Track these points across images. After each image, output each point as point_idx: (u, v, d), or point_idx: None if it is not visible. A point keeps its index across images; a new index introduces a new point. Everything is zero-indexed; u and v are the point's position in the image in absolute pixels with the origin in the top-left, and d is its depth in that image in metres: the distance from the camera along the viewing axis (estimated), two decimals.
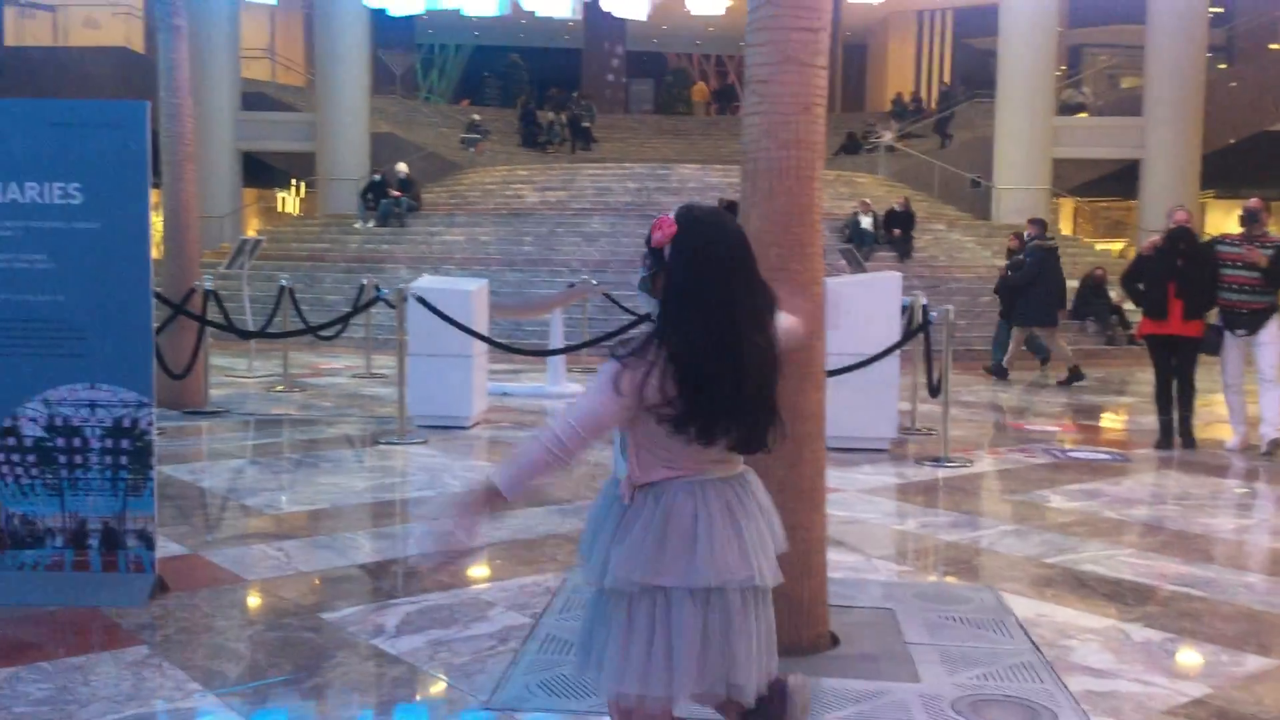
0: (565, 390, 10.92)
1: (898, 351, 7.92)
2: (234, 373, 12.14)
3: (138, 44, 25.45)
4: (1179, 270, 8.12)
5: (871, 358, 7.52)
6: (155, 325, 5.12)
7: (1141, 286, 8.42)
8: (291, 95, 26.75)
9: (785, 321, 2.46)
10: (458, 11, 15.08)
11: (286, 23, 30.16)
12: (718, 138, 28.43)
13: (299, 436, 8.45)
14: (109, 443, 4.37)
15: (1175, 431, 8.41)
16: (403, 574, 4.92)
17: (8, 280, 4.35)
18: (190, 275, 9.53)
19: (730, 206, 11.45)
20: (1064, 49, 26.19)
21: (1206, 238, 9.06)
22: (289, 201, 30.18)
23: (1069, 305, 13.92)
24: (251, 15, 23.80)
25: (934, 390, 8.11)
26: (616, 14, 15.52)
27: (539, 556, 5.13)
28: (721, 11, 14.17)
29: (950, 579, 4.99)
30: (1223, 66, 26.29)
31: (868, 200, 18.95)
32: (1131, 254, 22.86)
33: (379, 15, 23.81)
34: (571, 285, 13.47)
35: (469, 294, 8.87)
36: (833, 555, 4.49)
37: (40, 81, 23.09)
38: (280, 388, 11.09)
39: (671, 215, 2.34)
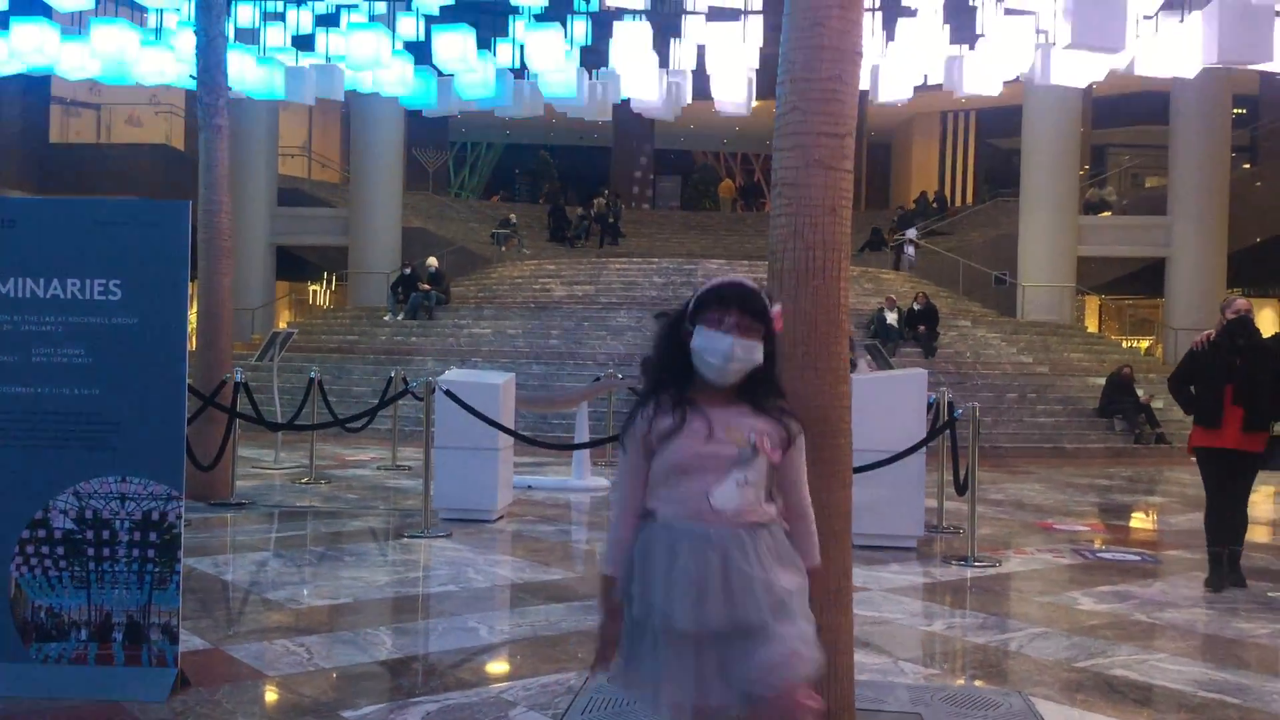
0: (590, 484, 10.91)
1: (924, 448, 7.89)
2: (261, 464, 12.20)
3: (178, 141, 26.17)
4: (1238, 371, 6.75)
5: (898, 454, 7.49)
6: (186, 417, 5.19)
7: (1194, 389, 7.05)
8: (326, 191, 27.34)
9: None
10: (491, 112, 15.41)
11: (324, 121, 30.96)
12: (743, 234, 28.74)
13: (323, 529, 8.46)
14: (137, 536, 4.40)
15: (1225, 565, 7.02)
16: (423, 671, 4.88)
17: (46, 374, 4.44)
18: (222, 367, 9.66)
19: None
20: (1087, 148, 26.46)
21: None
22: (320, 294, 30.62)
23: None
24: (290, 114, 24.47)
25: (961, 488, 8.05)
26: (646, 115, 15.83)
27: (561, 654, 5.08)
28: (747, 112, 14.45)
29: (979, 683, 4.91)
30: (1247, 166, 26.47)
31: (893, 296, 19.05)
32: (1160, 352, 22.89)
33: (414, 114, 24.39)
34: (597, 379, 13.54)
35: (497, 387, 8.94)
36: (859, 657, 4.43)
37: (83, 177, 23.75)
38: (306, 480, 11.13)
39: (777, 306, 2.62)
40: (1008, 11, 10.24)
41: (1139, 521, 10.26)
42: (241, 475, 10.61)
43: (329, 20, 14.83)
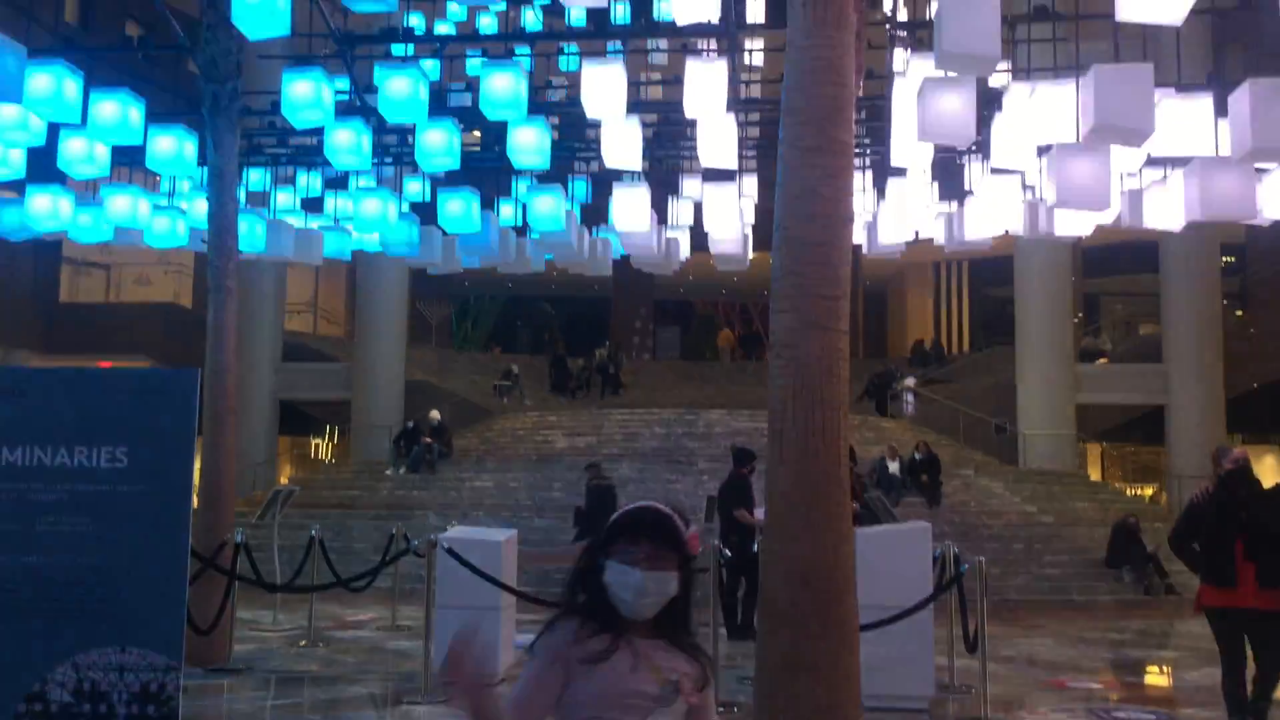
0: None
1: (931, 605, 7.80)
2: (259, 625, 12.01)
3: (186, 299, 26.60)
4: (1247, 523, 6.40)
5: (904, 611, 7.40)
6: None
7: (1198, 546, 6.68)
8: (330, 346, 27.66)
9: None
10: (494, 267, 15.76)
11: (330, 277, 31.52)
12: (744, 383, 28.93)
13: (320, 696, 8.29)
14: (135, 709, 4.33)
15: None
16: None
17: (50, 543, 4.44)
18: (224, 528, 9.61)
19: (741, 454, 11.57)
20: (1080, 297, 26.86)
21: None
22: (323, 448, 30.63)
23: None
24: (297, 271, 24.94)
25: (971, 645, 7.92)
26: (645, 270, 16.17)
27: None
28: (745, 267, 14.76)
29: None
30: (1240, 314, 26.82)
31: (894, 445, 19.06)
32: (1164, 500, 22.76)
33: (418, 270, 24.89)
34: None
35: (498, 545, 8.89)
36: None
37: (92, 335, 24.06)
38: (304, 642, 10.94)
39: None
40: (994, 170, 10.57)
41: (1153, 678, 10.06)
42: (239, 638, 10.43)
43: (337, 183, 15.28)
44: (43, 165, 12.01)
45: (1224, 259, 23.21)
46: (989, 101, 9.95)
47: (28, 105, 9.20)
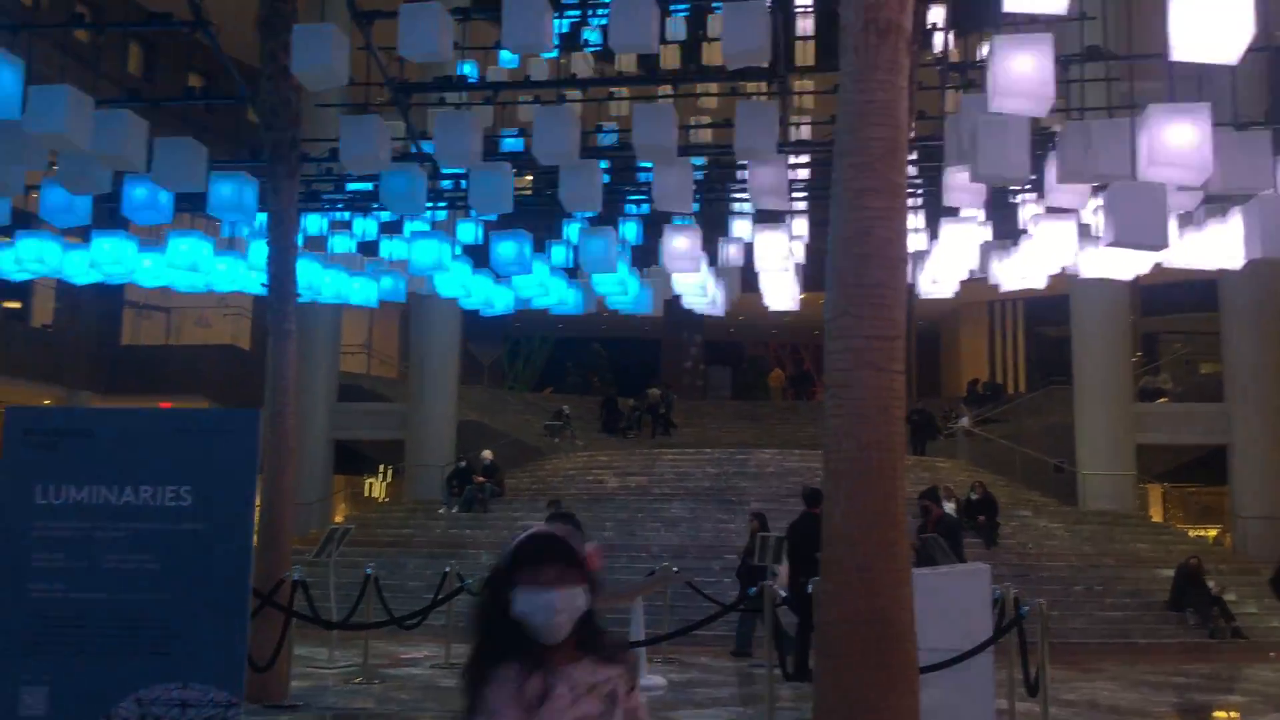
0: (647, 682, 10.66)
1: (991, 647, 7.68)
2: (315, 662, 12.09)
3: (244, 341, 27.06)
4: None
5: (964, 654, 7.29)
6: None
7: None
8: (384, 386, 27.95)
9: None
10: (545, 309, 15.89)
11: (384, 320, 31.90)
12: (795, 422, 28.80)
13: None
14: None
15: None
16: None
17: (114, 581, 4.53)
18: (281, 566, 9.73)
19: (813, 495, 11.49)
20: (1138, 336, 26.47)
21: None
22: (377, 487, 30.89)
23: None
24: (352, 313, 25.28)
25: (1032, 688, 7.79)
26: (696, 311, 16.21)
27: None
28: (796, 306, 14.76)
29: None
30: None
31: (950, 486, 18.83)
32: (1229, 541, 22.23)
33: (470, 311, 25.15)
34: (652, 573, 13.40)
35: None
36: None
37: (152, 377, 24.54)
38: (359, 679, 11.01)
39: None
40: (1049, 210, 10.51)
41: None
42: (296, 675, 10.52)
43: (392, 227, 15.54)
44: (107, 212, 12.37)
45: None
46: (1043, 140, 9.92)
47: (94, 154, 9.48)
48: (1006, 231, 13.56)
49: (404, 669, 12.04)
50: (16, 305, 23.84)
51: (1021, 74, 7.06)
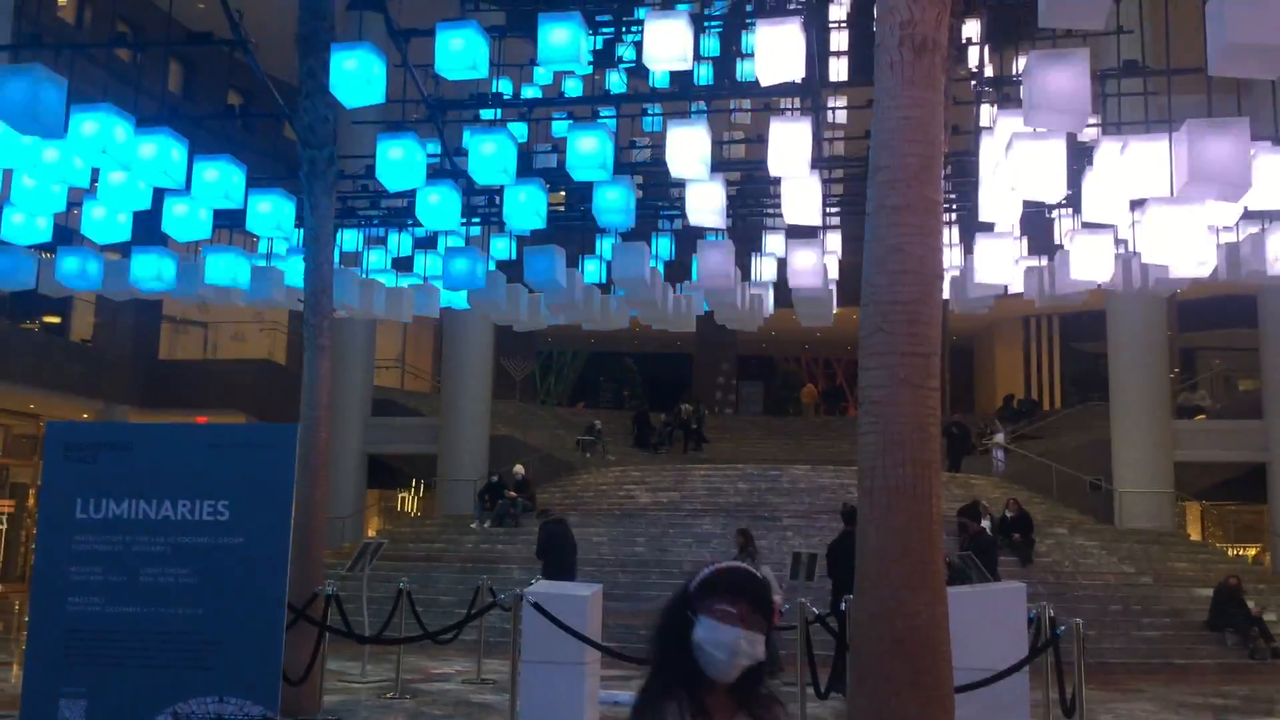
0: None
1: (1026, 667, 7.60)
2: (347, 677, 12.14)
3: (280, 355, 27.29)
4: None
5: (999, 673, 7.23)
6: None
7: None
8: (417, 401, 28.09)
9: None
10: (578, 324, 15.93)
11: (418, 334, 32.12)
12: (828, 438, 28.66)
13: None
14: None
15: None
16: None
17: (152, 594, 4.58)
18: (314, 579, 9.78)
19: (852, 513, 11.42)
20: (1176, 352, 26.18)
21: None
22: (409, 501, 31.02)
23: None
24: (386, 328, 25.47)
25: (1068, 709, 7.70)
26: (729, 326, 16.20)
27: None
28: (830, 323, 14.70)
29: None
30: None
31: (985, 503, 18.66)
32: (1268, 560, 21.90)
33: (503, 327, 25.27)
34: None
35: (585, 599, 8.89)
36: None
37: (189, 391, 24.80)
38: (391, 694, 11.03)
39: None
40: (1085, 225, 10.42)
41: None
42: (328, 689, 10.57)
43: (427, 243, 15.63)
44: (147, 227, 12.52)
45: None
46: (1079, 155, 9.84)
47: (135, 172, 9.62)
48: (1042, 247, 13.46)
49: (436, 684, 12.06)
50: (56, 320, 24.18)
51: (1058, 89, 7.01)
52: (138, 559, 4.68)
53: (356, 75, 8.83)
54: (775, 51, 8.32)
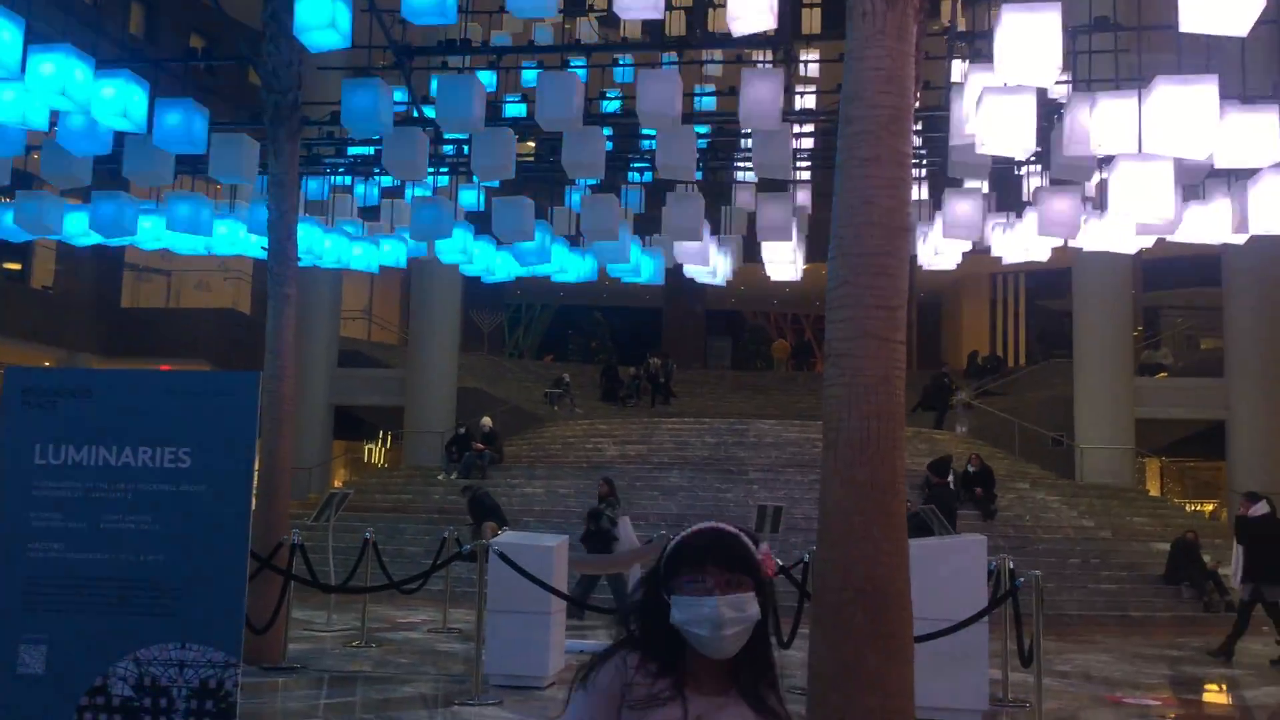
0: None
1: (986, 618, 7.72)
2: (313, 626, 12.16)
3: (244, 305, 27.02)
4: None
5: (958, 624, 7.33)
6: None
7: None
8: (384, 352, 27.95)
9: None
10: (546, 276, 15.85)
11: (385, 286, 31.87)
12: (795, 393, 28.81)
13: (373, 695, 8.37)
14: (194, 704, 4.40)
15: None
16: None
17: (113, 540, 4.53)
18: (280, 529, 9.76)
19: (940, 464, 11.34)
20: (1139, 311, 26.43)
21: None
22: (376, 453, 30.96)
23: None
24: (353, 279, 25.24)
25: (1026, 659, 7.83)
26: (698, 280, 16.16)
27: None
28: (798, 277, 14.71)
29: None
30: None
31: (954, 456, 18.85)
32: (1225, 516, 22.30)
33: (471, 279, 25.11)
34: (650, 541, 13.44)
35: (550, 550, 8.93)
36: None
37: (152, 339, 24.52)
38: (357, 643, 11.07)
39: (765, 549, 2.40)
40: (1053, 182, 10.45)
41: (1212, 695, 9.86)
42: (294, 638, 10.58)
43: (394, 192, 15.46)
44: (108, 173, 12.30)
45: None
46: (1049, 112, 9.85)
47: (95, 115, 9.41)
48: (1010, 203, 13.50)
49: (402, 633, 12.11)
50: (17, 267, 23.79)
51: (1029, 44, 6.99)
52: (98, 505, 4.62)
53: (321, 19, 8.67)
54: (747, 1, 8.24)
